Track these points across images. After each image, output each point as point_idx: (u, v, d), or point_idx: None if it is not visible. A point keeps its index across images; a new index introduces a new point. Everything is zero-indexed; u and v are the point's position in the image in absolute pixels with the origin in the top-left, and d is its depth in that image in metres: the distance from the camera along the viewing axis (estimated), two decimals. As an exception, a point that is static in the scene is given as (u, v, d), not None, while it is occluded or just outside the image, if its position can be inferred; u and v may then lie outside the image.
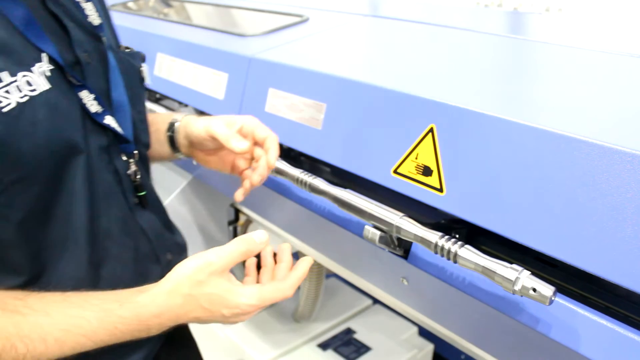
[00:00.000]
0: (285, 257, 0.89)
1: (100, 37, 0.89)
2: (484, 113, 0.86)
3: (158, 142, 1.10)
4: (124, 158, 0.91)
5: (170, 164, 1.75)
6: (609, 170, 0.72)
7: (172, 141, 1.10)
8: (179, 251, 1.08)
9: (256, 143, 1.05)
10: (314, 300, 1.99)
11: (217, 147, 1.04)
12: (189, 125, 1.06)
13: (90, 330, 0.75)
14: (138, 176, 0.93)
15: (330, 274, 2.14)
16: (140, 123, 0.99)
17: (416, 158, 0.93)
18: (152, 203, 1.00)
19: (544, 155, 0.79)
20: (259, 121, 1.03)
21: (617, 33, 1.35)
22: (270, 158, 1.01)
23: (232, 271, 0.84)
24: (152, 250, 0.98)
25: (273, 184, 1.24)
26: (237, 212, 2.04)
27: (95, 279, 0.87)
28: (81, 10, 0.87)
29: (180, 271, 0.79)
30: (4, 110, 0.71)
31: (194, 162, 1.58)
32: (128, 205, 0.92)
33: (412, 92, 0.96)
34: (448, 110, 0.91)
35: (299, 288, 2.13)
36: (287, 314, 2.14)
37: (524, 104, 0.93)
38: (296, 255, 2.16)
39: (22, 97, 0.73)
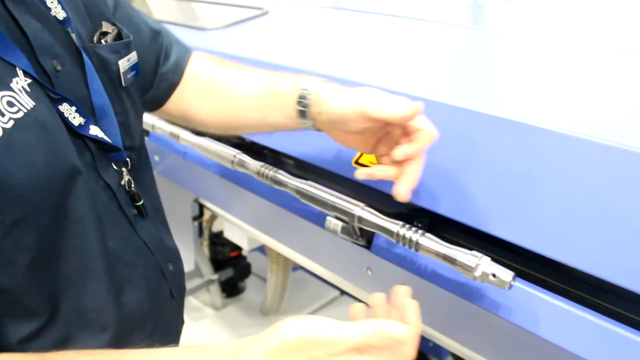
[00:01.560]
0: (402, 300, 0.75)
1: (69, 33, 0.76)
2: (442, 102, 0.86)
3: (283, 116, 0.92)
4: (115, 168, 0.82)
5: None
6: (565, 156, 0.73)
7: (304, 114, 0.89)
8: (177, 259, 0.98)
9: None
10: (281, 294, 1.99)
11: (367, 127, 0.84)
12: (326, 101, 0.85)
13: None
14: (132, 186, 0.84)
15: (297, 267, 2.14)
16: (121, 126, 0.85)
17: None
18: (147, 212, 0.90)
19: (501, 143, 0.80)
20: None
21: (575, 23, 1.38)
22: (396, 151, 0.80)
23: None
24: (157, 264, 0.89)
25: (236, 178, 1.23)
26: (202, 207, 2.03)
27: (116, 307, 0.79)
28: (43, 2, 0.73)
29: (289, 333, 0.67)
30: None
31: (156, 158, 1.56)
32: (127, 220, 0.83)
33: (373, 83, 0.96)
34: (407, 100, 0.91)
35: (264, 280, 2.14)
36: (255, 308, 2.14)
37: (482, 93, 0.94)
38: (262, 249, 2.16)
39: (6, 122, 0.62)
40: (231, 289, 2.19)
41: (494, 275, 0.73)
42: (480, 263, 0.74)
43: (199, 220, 2.11)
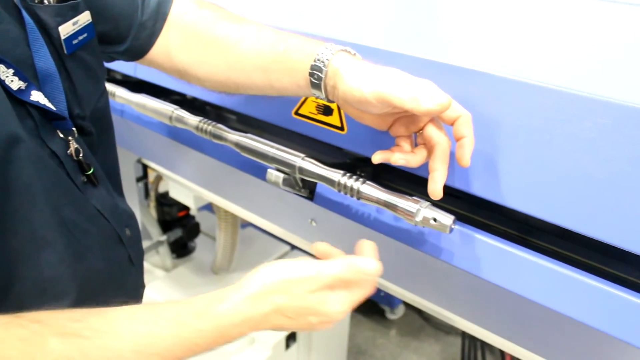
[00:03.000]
0: (367, 252, 0.77)
1: None
2: (379, 48, 0.85)
3: (293, 84, 0.83)
4: (61, 136, 0.76)
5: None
6: (499, 98, 0.73)
7: (317, 85, 0.79)
8: (134, 224, 0.95)
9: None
10: (231, 251, 1.99)
11: (387, 112, 0.76)
12: (344, 79, 0.75)
13: (165, 348, 0.66)
14: (81, 155, 0.78)
15: (246, 224, 2.14)
16: (69, 93, 0.79)
17: (316, 98, 0.91)
18: (100, 178, 0.85)
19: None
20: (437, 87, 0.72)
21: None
22: (463, 158, 0.72)
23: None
24: (113, 230, 0.86)
25: (178, 135, 1.21)
26: (146, 167, 1.99)
27: (75, 275, 0.77)
28: None
29: (267, 278, 0.70)
30: None
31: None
32: (77, 188, 0.78)
33: (310, 31, 0.94)
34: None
35: (214, 239, 2.13)
36: (205, 267, 2.13)
37: (421, 38, 0.93)
38: (210, 207, 2.14)
39: None
40: (181, 249, 2.18)
41: (434, 220, 0.74)
42: (421, 208, 0.75)
43: (144, 181, 2.08)
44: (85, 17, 0.79)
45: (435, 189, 0.73)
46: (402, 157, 0.76)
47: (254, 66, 0.85)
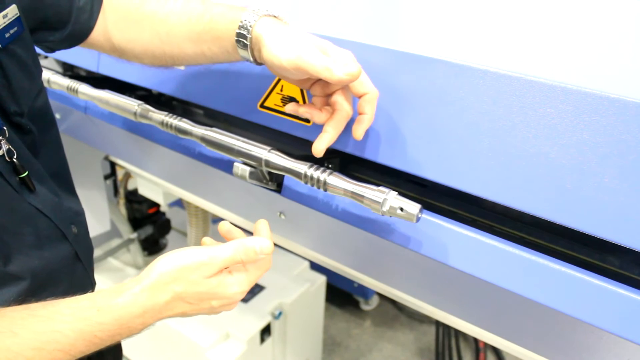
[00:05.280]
0: (262, 232, 0.81)
1: None
2: (343, 39, 0.85)
3: (223, 50, 0.85)
4: None
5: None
6: (464, 87, 0.74)
7: (244, 50, 0.82)
8: (81, 220, 0.96)
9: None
10: (203, 247, 1.98)
11: (306, 78, 0.80)
12: (265, 46, 0.78)
13: (67, 343, 0.67)
14: (14, 156, 0.77)
15: (217, 219, 2.12)
16: (4, 89, 0.78)
17: (281, 90, 0.91)
18: (42, 177, 0.85)
19: (402, 78, 0.79)
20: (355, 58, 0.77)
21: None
22: (356, 131, 0.79)
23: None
24: (55, 228, 0.85)
25: (144, 131, 1.19)
26: (113, 165, 1.96)
27: (4, 278, 0.76)
28: None
29: (164, 267, 0.71)
30: None
31: (57, 116, 1.49)
32: (12, 188, 0.78)
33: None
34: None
35: (185, 234, 2.12)
36: (178, 263, 2.11)
37: (381, 29, 0.93)
38: (179, 203, 2.11)
39: None
40: (152, 246, 2.16)
41: (401, 209, 0.74)
42: (388, 198, 0.75)
43: (113, 178, 2.05)
44: (13, 11, 0.79)
45: (318, 147, 0.80)
46: (307, 110, 0.81)
47: (184, 38, 0.88)
